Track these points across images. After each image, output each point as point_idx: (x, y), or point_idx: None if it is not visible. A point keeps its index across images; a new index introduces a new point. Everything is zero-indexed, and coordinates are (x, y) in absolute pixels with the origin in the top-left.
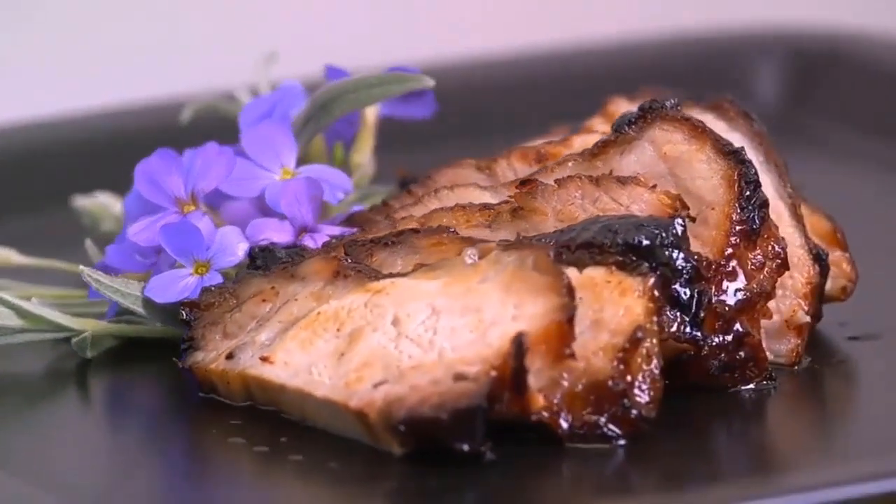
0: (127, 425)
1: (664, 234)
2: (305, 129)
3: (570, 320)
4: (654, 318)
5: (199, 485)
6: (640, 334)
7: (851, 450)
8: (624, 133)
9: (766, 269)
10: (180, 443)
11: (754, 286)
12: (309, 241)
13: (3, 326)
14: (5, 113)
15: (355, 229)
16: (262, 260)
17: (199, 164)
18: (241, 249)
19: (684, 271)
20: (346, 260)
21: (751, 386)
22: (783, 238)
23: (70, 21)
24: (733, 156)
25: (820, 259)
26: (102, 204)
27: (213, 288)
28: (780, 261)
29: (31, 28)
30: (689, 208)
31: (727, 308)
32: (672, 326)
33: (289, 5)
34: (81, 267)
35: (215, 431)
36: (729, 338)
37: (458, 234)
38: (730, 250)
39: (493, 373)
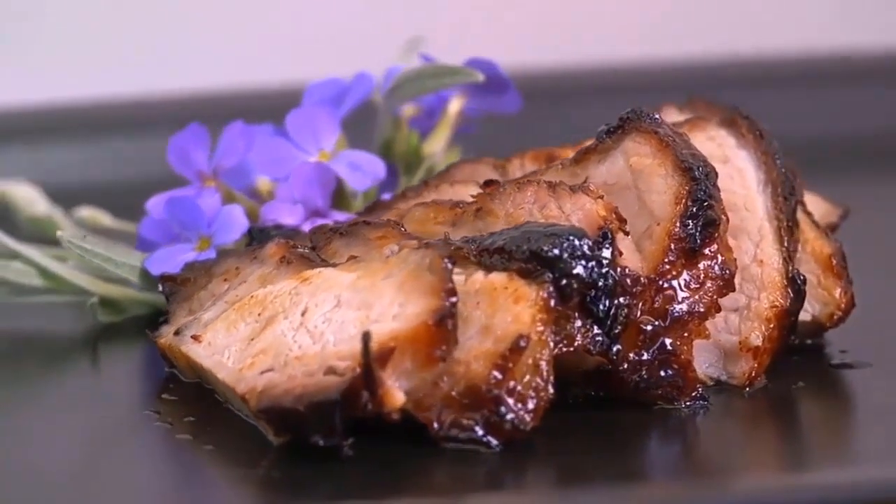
0: (99, 395)
1: (574, 245)
2: (380, 114)
3: (440, 323)
4: (542, 328)
5: (70, 453)
6: (522, 343)
7: (761, 466)
8: (602, 142)
9: (704, 288)
10: (100, 414)
11: (686, 305)
12: (307, 226)
13: (25, 285)
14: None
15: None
16: (258, 240)
17: (222, 141)
18: (241, 228)
19: (600, 284)
20: (298, 246)
21: (681, 404)
22: (734, 259)
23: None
24: (688, 173)
25: (794, 283)
26: None
27: (195, 264)
28: (722, 282)
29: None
30: (625, 221)
31: (653, 324)
32: (586, 338)
33: None
34: (59, 233)
35: (137, 404)
36: (652, 354)
37: (403, 228)
38: (665, 267)
39: (359, 369)
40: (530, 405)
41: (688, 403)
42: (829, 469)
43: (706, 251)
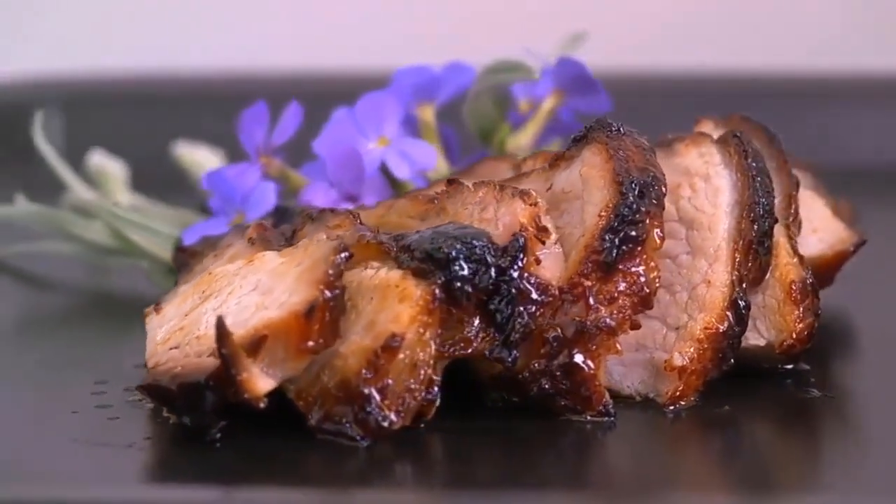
0: (100, 359)
1: (472, 248)
2: (468, 102)
3: (309, 315)
4: (422, 330)
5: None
6: (394, 342)
7: (652, 484)
8: (569, 149)
9: (616, 304)
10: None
11: (594, 318)
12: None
13: (102, 246)
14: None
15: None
16: (279, 218)
17: (279, 120)
18: (268, 205)
19: (503, 289)
20: (267, 229)
21: (587, 417)
22: (656, 278)
23: None
24: (618, 187)
25: (736, 308)
26: None
27: (207, 238)
28: (637, 299)
29: None
30: (546, 231)
31: (557, 335)
32: (484, 343)
33: None
34: (91, 198)
35: (98, 374)
36: (553, 364)
37: (358, 217)
38: (579, 279)
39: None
40: (400, 405)
41: (592, 416)
42: (711, 493)
43: (623, 267)
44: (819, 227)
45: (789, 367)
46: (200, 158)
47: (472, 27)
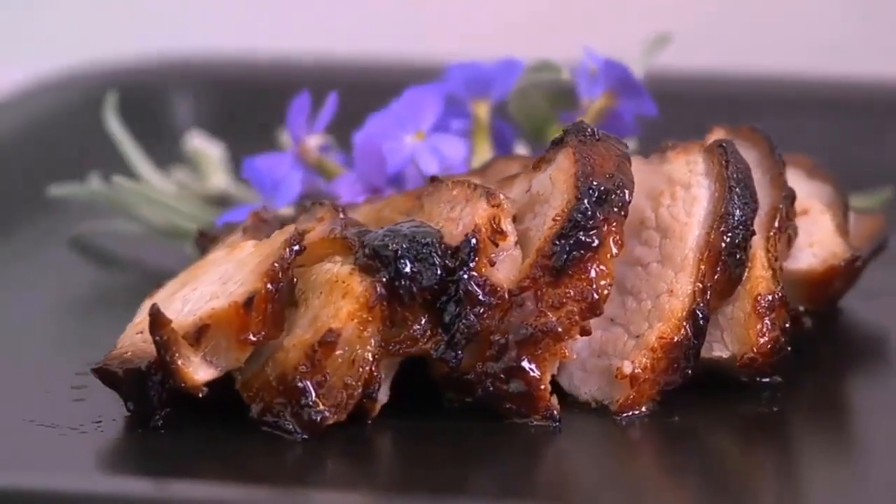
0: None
1: (418, 247)
2: (515, 100)
3: (247, 306)
4: (362, 327)
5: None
6: (330, 337)
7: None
8: (548, 151)
9: (563, 310)
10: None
11: (539, 323)
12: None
13: (155, 225)
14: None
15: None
16: (298, 208)
17: (320, 110)
18: (292, 194)
19: (451, 290)
20: (265, 219)
21: (532, 421)
22: (605, 286)
23: None
24: (575, 192)
25: (695, 318)
26: None
27: (229, 224)
28: (585, 305)
29: None
30: (503, 234)
31: (503, 338)
32: (429, 342)
33: None
34: (116, 178)
35: (96, 355)
36: (498, 367)
37: (341, 210)
38: (527, 282)
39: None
40: (335, 400)
41: (537, 420)
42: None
43: (573, 273)
44: (817, 241)
45: (766, 380)
46: None
47: (529, 23)
